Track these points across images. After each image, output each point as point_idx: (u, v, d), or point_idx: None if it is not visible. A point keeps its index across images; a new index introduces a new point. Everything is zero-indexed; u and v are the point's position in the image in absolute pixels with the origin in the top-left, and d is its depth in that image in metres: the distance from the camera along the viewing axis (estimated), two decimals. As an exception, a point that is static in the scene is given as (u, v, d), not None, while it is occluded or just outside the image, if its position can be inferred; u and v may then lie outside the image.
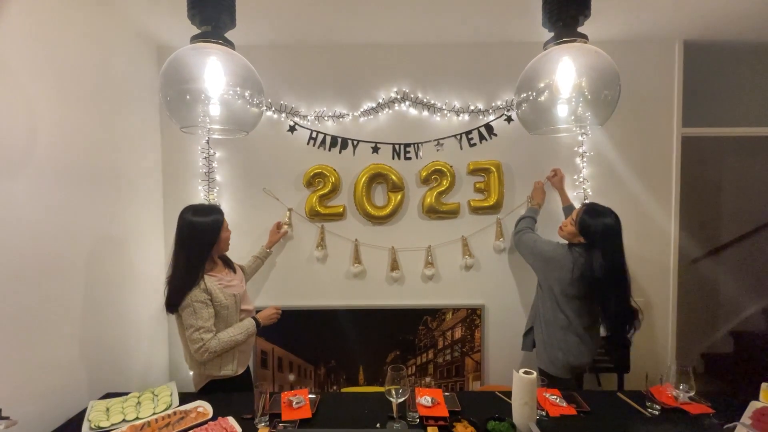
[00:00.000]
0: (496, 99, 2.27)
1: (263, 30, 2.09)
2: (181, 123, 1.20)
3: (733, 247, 3.24)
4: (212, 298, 1.61)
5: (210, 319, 1.59)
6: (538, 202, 2.19)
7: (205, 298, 1.59)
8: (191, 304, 1.57)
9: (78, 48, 1.66)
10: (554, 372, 1.84)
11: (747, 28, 2.11)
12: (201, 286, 1.59)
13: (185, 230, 1.60)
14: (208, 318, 1.58)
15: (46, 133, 1.49)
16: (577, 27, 1.18)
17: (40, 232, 1.46)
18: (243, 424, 1.38)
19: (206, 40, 1.15)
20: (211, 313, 1.60)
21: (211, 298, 1.61)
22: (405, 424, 1.38)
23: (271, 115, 2.28)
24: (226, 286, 1.67)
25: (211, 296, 1.61)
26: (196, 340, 1.56)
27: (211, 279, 1.64)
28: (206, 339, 1.56)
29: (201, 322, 1.56)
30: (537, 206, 2.18)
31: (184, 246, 1.60)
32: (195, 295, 1.58)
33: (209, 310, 1.59)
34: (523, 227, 2.05)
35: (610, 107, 1.17)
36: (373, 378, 2.31)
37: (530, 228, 2.05)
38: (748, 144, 3.12)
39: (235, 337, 1.62)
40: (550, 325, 1.86)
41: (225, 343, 1.60)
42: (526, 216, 2.11)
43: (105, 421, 1.42)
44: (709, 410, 1.43)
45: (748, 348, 3.14)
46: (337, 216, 2.30)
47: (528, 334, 2.01)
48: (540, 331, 1.91)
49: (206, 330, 1.57)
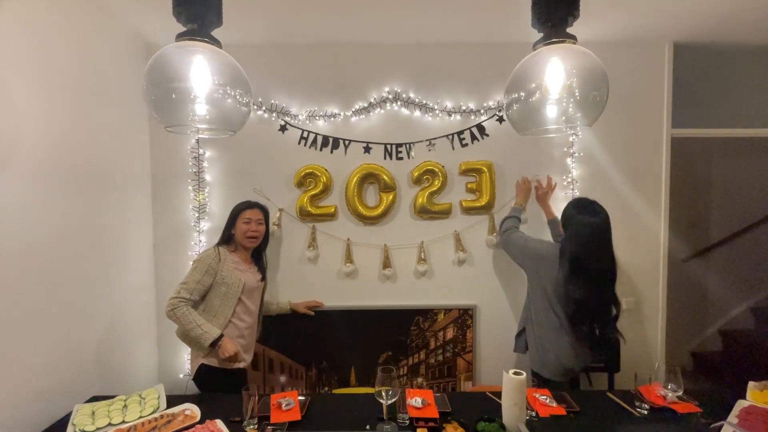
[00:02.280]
0: (488, 99, 2.27)
1: (254, 29, 2.07)
2: (167, 122, 1.18)
3: (721, 247, 3.28)
4: (219, 270, 1.76)
5: (199, 286, 1.72)
6: (520, 201, 2.19)
7: (212, 266, 1.75)
8: (200, 260, 1.77)
9: (65, 46, 1.63)
10: (547, 375, 1.82)
11: (737, 29, 2.13)
12: (217, 254, 1.78)
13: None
14: (198, 283, 1.72)
15: (31, 133, 1.46)
16: (566, 28, 1.18)
17: (25, 232, 1.43)
18: (231, 427, 1.37)
19: (192, 38, 1.14)
20: (205, 284, 1.73)
21: (218, 270, 1.76)
22: (395, 425, 1.38)
23: (261, 115, 2.26)
24: (237, 268, 1.82)
25: (219, 267, 1.76)
26: (177, 291, 1.70)
27: (229, 255, 1.82)
28: (183, 298, 1.68)
29: (191, 280, 1.72)
30: (520, 206, 2.17)
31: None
32: (207, 256, 1.78)
33: (206, 279, 1.74)
34: (509, 227, 2.05)
35: (598, 108, 1.17)
36: (365, 379, 2.31)
37: (516, 227, 2.05)
38: (737, 145, 3.15)
39: (192, 325, 1.68)
40: (542, 326, 1.84)
41: (183, 320, 1.68)
42: (511, 216, 2.11)
43: (90, 425, 1.39)
44: (697, 409, 1.45)
45: (736, 346, 3.18)
46: (329, 216, 2.29)
47: (520, 336, 2.00)
48: (532, 332, 1.90)
49: (188, 290, 1.70)
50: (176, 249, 2.29)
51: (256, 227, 1.87)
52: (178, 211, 2.29)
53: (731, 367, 3.08)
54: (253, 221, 1.86)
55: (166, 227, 2.30)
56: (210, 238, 2.28)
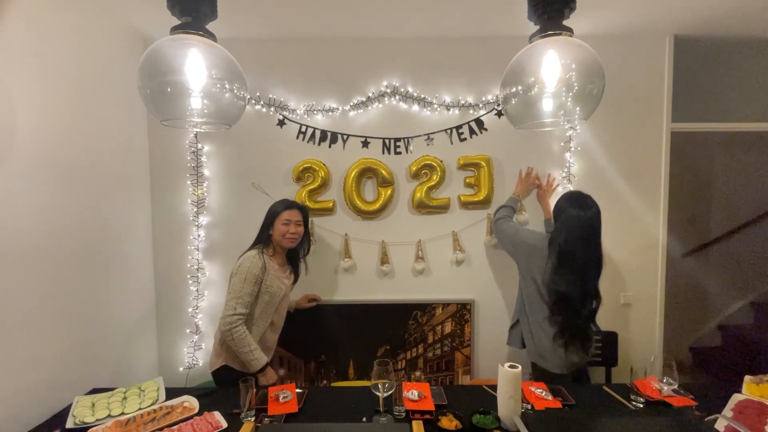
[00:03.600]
0: (486, 93, 2.26)
1: (250, 22, 2.06)
2: (162, 116, 1.18)
3: (720, 243, 3.27)
4: (264, 279, 1.74)
5: (251, 298, 1.71)
6: (519, 192, 2.18)
7: (259, 276, 1.72)
8: (249, 270, 1.71)
9: (62, 41, 1.63)
10: (546, 366, 1.80)
11: (737, 23, 2.11)
12: (262, 263, 1.74)
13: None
14: (250, 295, 1.70)
15: (28, 129, 1.46)
16: (563, 20, 1.17)
17: (23, 227, 1.44)
18: (229, 419, 1.38)
19: (186, 31, 1.13)
20: (254, 295, 1.72)
21: (264, 279, 1.74)
22: (391, 418, 1.39)
23: (259, 109, 2.25)
24: (277, 276, 1.81)
25: (265, 276, 1.74)
26: (230, 308, 1.68)
27: (270, 262, 1.79)
28: (241, 314, 1.68)
29: (245, 293, 1.69)
30: (517, 196, 2.17)
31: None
32: (254, 266, 1.72)
33: (255, 290, 1.72)
34: (502, 215, 2.05)
35: (594, 101, 1.17)
36: (363, 372, 2.32)
37: (509, 217, 2.05)
38: (738, 139, 3.13)
39: (245, 349, 1.68)
40: (535, 316, 1.85)
41: (239, 342, 1.67)
42: (506, 205, 2.11)
43: (90, 417, 1.41)
44: (692, 402, 1.45)
45: (735, 341, 3.18)
46: (327, 211, 2.29)
47: (514, 327, 2.00)
48: (526, 323, 1.90)
49: (244, 305, 1.69)
50: (175, 243, 2.30)
51: (295, 228, 1.83)
52: (176, 205, 2.30)
53: (730, 362, 3.09)
54: (292, 222, 1.82)
55: (165, 222, 2.31)
56: (209, 233, 2.29)
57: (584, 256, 1.68)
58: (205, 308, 2.31)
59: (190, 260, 2.29)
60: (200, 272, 2.29)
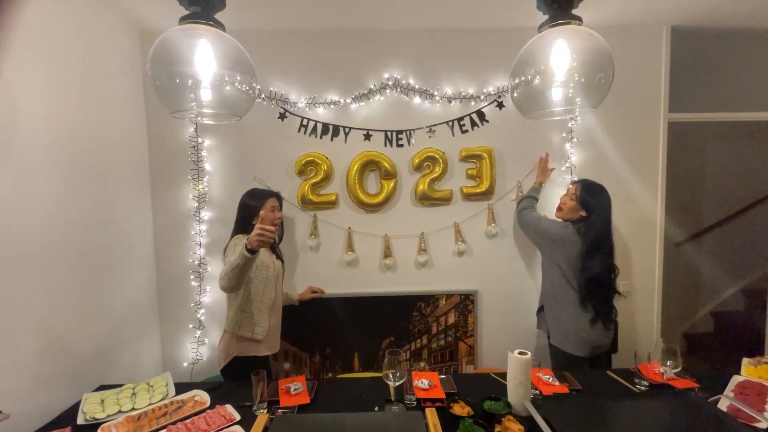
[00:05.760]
0: (488, 85, 2.27)
1: (252, 15, 2.03)
2: (172, 108, 1.16)
3: (714, 231, 3.34)
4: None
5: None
6: (540, 180, 2.23)
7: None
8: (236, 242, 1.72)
9: (64, 36, 1.60)
10: (569, 349, 1.86)
11: (734, 14, 2.14)
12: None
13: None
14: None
15: (30, 125, 1.44)
16: (572, 9, 1.18)
17: (26, 222, 1.41)
18: (241, 411, 1.38)
19: (196, 21, 1.12)
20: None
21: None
22: (403, 406, 1.40)
23: (260, 102, 2.23)
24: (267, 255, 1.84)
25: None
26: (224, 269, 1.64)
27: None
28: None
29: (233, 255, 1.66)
30: (538, 185, 2.22)
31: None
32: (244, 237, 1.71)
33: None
34: (525, 206, 2.12)
35: (604, 90, 1.18)
36: (368, 364, 2.33)
37: (532, 207, 2.12)
38: (734, 129, 3.19)
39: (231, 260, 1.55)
40: (559, 301, 1.91)
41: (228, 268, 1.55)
42: (528, 195, 2.18)
43: (100, 413, 1.40)
44: (695, 384, 1.49)
45: (727, 327, 3.27)
46: (330, 204, 2.29)
47: (541, 312, 2.08)
48: (550, 308, 1.96)
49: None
50: (177, 239, 2.28)
51: (279, 214, 1.90)
52: (178, 200, 2.27)
53: (722, 348, 3.17)
54: (276, 209, 1.89)
55: (166, 217, 2.28)
56: (211, 227, 2.27)
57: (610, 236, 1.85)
58: (207, 303, 2.30)
59: (192, 255, 2.27)
60: (202, 267, 2.27)
